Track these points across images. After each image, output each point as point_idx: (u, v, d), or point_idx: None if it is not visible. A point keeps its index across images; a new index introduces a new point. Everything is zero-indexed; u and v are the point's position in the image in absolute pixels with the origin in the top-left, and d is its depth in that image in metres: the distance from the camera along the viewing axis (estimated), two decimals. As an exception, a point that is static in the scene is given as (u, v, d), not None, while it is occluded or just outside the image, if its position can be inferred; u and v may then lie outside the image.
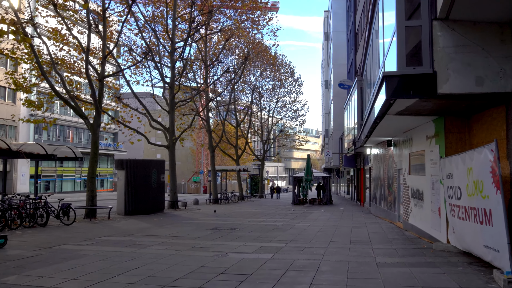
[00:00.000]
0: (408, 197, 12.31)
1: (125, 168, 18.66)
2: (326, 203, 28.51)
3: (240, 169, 34.13)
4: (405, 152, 12.87)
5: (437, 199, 9.42)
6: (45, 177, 51.11)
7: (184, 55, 24.83)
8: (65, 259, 7.90)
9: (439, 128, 9.31)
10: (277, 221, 16.03)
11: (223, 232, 12.32)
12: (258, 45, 33.46)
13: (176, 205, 23.13)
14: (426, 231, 10.41)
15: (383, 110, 8.38)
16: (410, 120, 10.17)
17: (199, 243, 10.13)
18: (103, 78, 17.97)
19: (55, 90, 16.96)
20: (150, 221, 15.76)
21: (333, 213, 20.31)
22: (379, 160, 18.08)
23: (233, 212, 20.74)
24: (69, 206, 14.10)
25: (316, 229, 13.25)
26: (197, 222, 15.67)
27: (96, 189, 16.99)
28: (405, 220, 12.79)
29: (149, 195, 19.17)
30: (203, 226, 13.98)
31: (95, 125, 17.44)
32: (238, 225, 14.50)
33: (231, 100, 34.77)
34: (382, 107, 8.13)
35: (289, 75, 43.64)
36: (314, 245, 9.82)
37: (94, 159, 17.12)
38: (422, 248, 9.26)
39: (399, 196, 14.07)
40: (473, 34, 6.82)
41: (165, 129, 23.50)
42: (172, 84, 23.68)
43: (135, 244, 9.83)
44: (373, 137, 15.20)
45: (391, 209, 15.24)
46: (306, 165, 27.91)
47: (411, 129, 11.86)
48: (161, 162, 20.49)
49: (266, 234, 11.91)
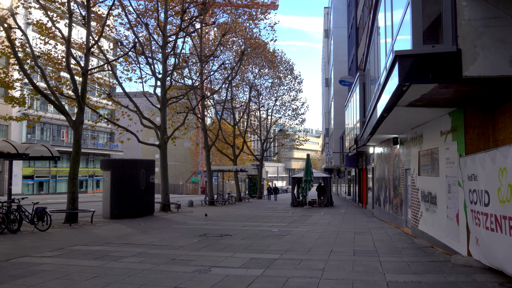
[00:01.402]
0: (418, 201, 11.04)
1: (111, 168, 17.40)
2: (327, 204, 27.23)
3: (237, 169, 32.86)
4: (413, 151, 11.60)
5: (454, 204, 8.14)
6: (39, 177, 49.86)
7: (176, 49, 23.62)
8: (14, 277, 6.63)
9: (457, 122, 8.03)
10: (273, 226, 14.76)
11: (211, 240, 11.04)
12: (256, 40, 32.14)
13: (168, 207, 21.86)
14: (440, 240, 9.14)
15: (393, 100, 7.11)
16: (422, 114, 8.89)
17: (181, 254, 8.86)
18: (87, 71, 16.71)
19: (33, 84, 15.71)
20: (135, 226, 14.50)
21: (334, 216, 19.03)
22: (384, 160, 16.81)
23: (227, 215, 19.47)
24: (44, 210, 12.83)
25: (315, 236, 11.97)
26: (186, 227, 14.40)
27: (77, 191, 15.73)
28: (414, 226, 11.51)
29: (137, 197, 17.90)
30: (191, 232, 12.72)
31: (77, 122, 16.18)
32: (230, 230, 13.23)
33: (227, 97, 33.45)
34: (392, 96, 6.86)
35: (288, 72, 42.36)
36: (313, 257, 8.55)
37: (75, 159, 15.86)
38: (438, 261, 7.97)
39: (406, 199, 12.80)
40: (508, 3, 5.55)
41: (157, 127, 22.23)
42: (163, 80, 22.42)
43: (106, 256, 8.57)
44: (378, 134, 13.94)
45: (397, 213, 13.96)
46: (305, 165, 26.63)
47: (422, 124, 10.59)
48: (150, 162, 19.21)
49: (259, 242, 10.64)
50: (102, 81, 25.10)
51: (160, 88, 22.46)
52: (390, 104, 7.62)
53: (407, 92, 6.38)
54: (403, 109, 8.16)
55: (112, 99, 22.93)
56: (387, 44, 8.73)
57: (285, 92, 43.21)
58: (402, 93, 6.48)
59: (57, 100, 16.33)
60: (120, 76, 29.81)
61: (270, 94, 42.61)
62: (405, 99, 7.10)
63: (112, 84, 23.38)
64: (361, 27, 27.94)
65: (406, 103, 7.56)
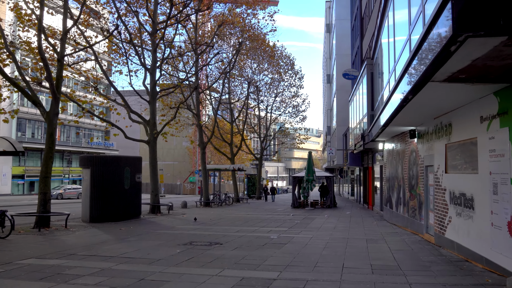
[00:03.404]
0: (445, 203, 9.21)
1: (91, 165, 15.57)
2: (330, 206, 25.40)
3: (234, 168, 31.04)
4: (438, 144, 9.77)
5: (504, 209, 6.32)
6: (30, 177, 47.97)
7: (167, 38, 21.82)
8: None
9: (508, 103, 6.20)
10: (272, 231, 12.93)
11: (197, 250, 9.22)
12: (254, 32, 30.28)
13: (157, 209, 20.04)
14: (479, 253, 7.30)
15: (431, 70, 5.29)
16: (457, 94, 7.06)
17: (154, 271, 7.03)
18: (63, 57, 14.88)
19: (3, 73, 13.92)
20: (114, 231, 12.67)
21: (339, 219, 17.20)
22: (396, 157, 14.98)
23: (221, 218, 17.64)
24: (3, 214, 11.00)
25: (321, 244, 10.14)
26: (171, 232, 12.56)
27: (50, 191, 13.88)
28: (439, 233, 9.67)
29: (121, 198, 16.07)
30: (176, 240, 10.89)
31: (51, 114, 14.35)
32: (222, 237, 11.40)
33: (223, 90, 31.55)
34: (432, 63, 5.03)
35: (289, 67, 40.47)
36: (321, 275, 6.71)
37: (48, 155, 14.02)
38: (486, 284, 6.14)
39: (427, 200, 10.96)
40: None
41: (145, 122, 20.41)
42: (153, 70, 20.61)
43: (59, 275, 6.74)
44: (392, 126, 12.11)
45: (415, 216, 12.13)
46: (307, 164, 24.78)
47: (451, 111, 8.76)
48: (136, 159, 17.37)
49: (254, 254, 8.81)
50: (90, 74, 23.28)
51: (149, 79, 20.66)
52: (423, 77, 5.79)
53: (457, 53, 4.54)
54: (438, 86, 6.34)
55: (99, 92, 21.17)
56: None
57: (285, 89, 41.38)
58: (448, 55, 4.65)
59: (30, 90, 14.51)
60: (109, 69, 27.89)
61: (270, 91, 40.80)
62: (448, 68, 5.26)
63: (101, 78, 21.49)
64: (367, 16, 26.12)
65: (445, 76, 5.72)
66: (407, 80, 7.02)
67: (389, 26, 10.69)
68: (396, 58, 9.75)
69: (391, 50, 11.10)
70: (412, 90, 6.68)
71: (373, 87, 18.29)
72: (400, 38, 8.68)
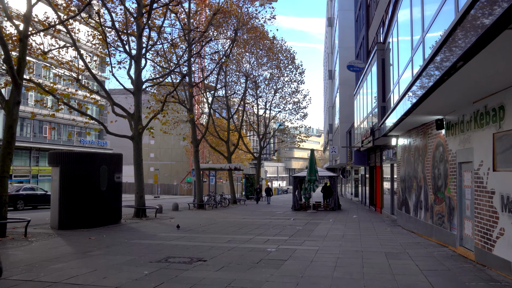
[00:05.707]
0: (492, 210, 7.10)
1: (60, 163, 13.45)
2: (334, 208, 23.29)
3: (230, 168, 28.89)
4: (479, 134, 7.67)
5: None
6: (18, 177, 45.75)
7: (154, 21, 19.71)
8: None
9: None
10: (270, 241, 10.82)
11: (171, 271, 7.10)
12: (252, 21, 28.16)
13: (143, 212, 17.93)
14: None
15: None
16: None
17: (98, 310, 4.92)
18: (26, 37, 12.78)
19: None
20: (80, 242, 10.56)
21: (346, 225, 15.09)
22: (415, 153, 12.86)
23: (213, 223, 15.51)
24: None
25: (330, 261, 8.03)
26: (148, 243, 10.44)
27: (7, 193, 11.74)
28: (482, 249, 7.55)
29: (96, 201, 13.95)
30: (150, 254, 8.78)
31: (11, 102, 12.24)
32: (208, 250, 9.29)
33: (218, 81, 29.38)
34: None
35: (289, 61, 38.32)
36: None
37: (6, 150, 11.89)
38: None
39: (460, 205, 8.85)
40: None
41: (130, 115, 18.29)
42: (138, 58, 18.51)
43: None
44: (414, 115, 10.00)
45: (442, 224, 10.01)
46: (309, 163, 22.67)
47: (502, 89, 6.67)
48: (115, 156, 15.23)
49: (245, 277, 6.70)
50: (72, 64, 21.16)
51: (134, 68, 18.56)
52: (498, 22, 3.69)
53: None
54: (497, 51, 4.24)
55: (81, 84, 19.07)
56: None
57: (285, 84, 39.25)
58: None
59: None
60: (95, 60, 25.70)
61: (269, 87, 38.68)
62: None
63: (84, 70, 19.37)
64: (374, 2, 24.03)
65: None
66: (461, 34, 4.90)
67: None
68: (425, 26, 7.67)
69: (415, 21, 9.01)
70: (475, 45, 4.54)
71: (385, 75, 16.21)
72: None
